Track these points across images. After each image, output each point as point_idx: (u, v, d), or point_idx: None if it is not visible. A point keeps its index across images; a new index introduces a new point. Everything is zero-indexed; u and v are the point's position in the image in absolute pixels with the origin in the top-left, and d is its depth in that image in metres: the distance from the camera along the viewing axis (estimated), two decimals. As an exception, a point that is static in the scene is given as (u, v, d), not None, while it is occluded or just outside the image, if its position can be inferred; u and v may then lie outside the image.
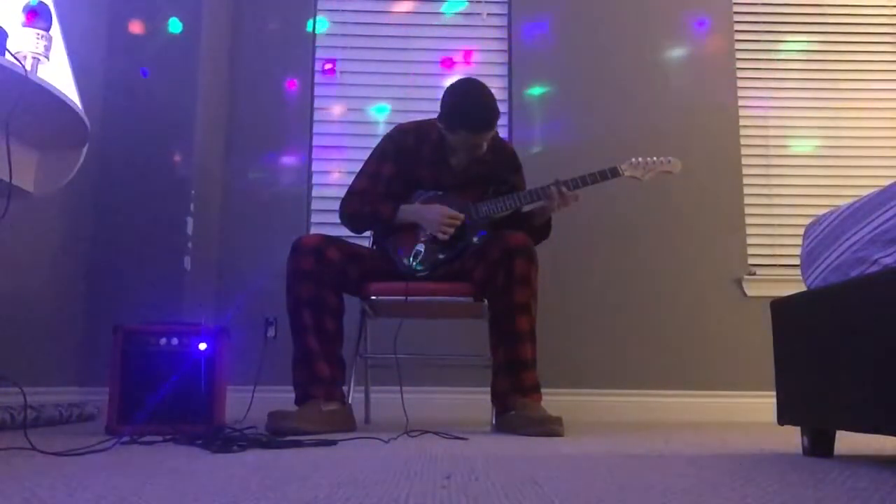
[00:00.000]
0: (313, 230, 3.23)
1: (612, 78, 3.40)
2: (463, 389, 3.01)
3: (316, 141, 3.37)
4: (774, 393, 1.62)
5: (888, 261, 1.31)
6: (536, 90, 3.39)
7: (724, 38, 3.46)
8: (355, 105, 3.40)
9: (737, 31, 3.49)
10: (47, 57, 2.12)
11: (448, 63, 3.41)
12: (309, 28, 3.39)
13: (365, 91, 3.40)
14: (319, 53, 3.43)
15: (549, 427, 2.04)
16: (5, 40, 1.90)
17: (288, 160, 3.31)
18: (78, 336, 2.77)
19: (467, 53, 3.43)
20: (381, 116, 3.37)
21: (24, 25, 2.08)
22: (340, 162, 3.36)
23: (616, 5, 3.47)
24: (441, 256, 2.42)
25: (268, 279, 3.05)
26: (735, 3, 3.51)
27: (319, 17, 3.44)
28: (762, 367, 2.56)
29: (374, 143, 2.61)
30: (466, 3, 3.46)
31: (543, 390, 2.24)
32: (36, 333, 2.53)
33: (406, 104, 3.36)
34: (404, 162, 2.51)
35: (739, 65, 3.47)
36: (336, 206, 2.54)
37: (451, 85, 2.43)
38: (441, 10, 3.46)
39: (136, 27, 3.02)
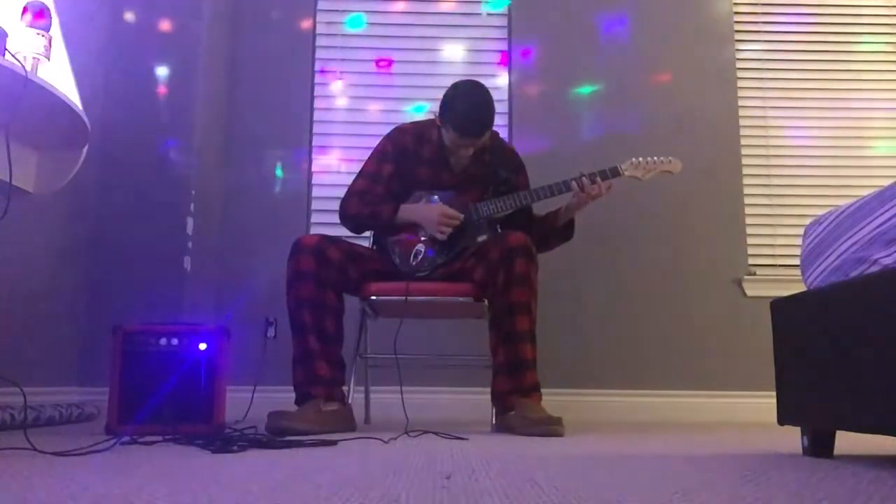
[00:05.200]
0: (313, 230, 3.23)
1: (612, 77, 3.41)
2: (463, 389, 3.01)
3: (316, 141, 3.37)
4: (774, 393, 1.62)
5: (888, 261, 1.31)
6: (536, 91, 3.39)
7: (724, 38, 3.46)
8: (356, 105, 3.41)
9: (737, 31, 3.50)
10: (47, 57, 2.12)
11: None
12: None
13: (364, 91, 3.41)
14: (319, 54, 3.43)
15: (549, 427, 2.04)
16: (5, 40, 1.90)
17: (288, 160, 3.31)
18: (78, 336, 2.77)
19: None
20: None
21: (24, 25, 2.08)
22: (340, 162, 3.36)
23: (616, 6, 3.47)
24: (441, 256, 2.42)
25: (268, 279, 3.05)
26: (735, 4, 3.52)
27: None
28: (762, 367, 2.56)
29: (375, 142, 2.61)
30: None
31: (544, 390, 2.24)
32: (36, 333, 2.53)
33: (406, 105, 3.38)
34: (404, 162, 2.51)
35: (739, 65, 3.47)
36: (336, 206, 2.54)
37: (455, 83, 2.43)
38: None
39: (136, 27, 3.02)
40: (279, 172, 3.29)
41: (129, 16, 3.02)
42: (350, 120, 3.40)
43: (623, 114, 3.37)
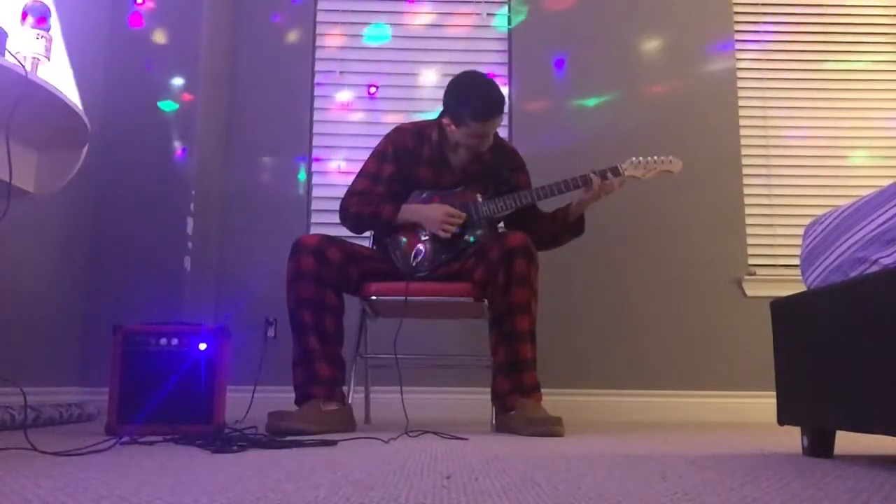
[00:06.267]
0: (313, 230, 3.23)
1: (611, 77, 3.40)
2: (463, 389, 3.01)
3: (316, 141, 3.37)
4: (774, 393, 1.62)
5: (888, 261, 1.31)
6: (537, 90, 3.39)
7: (724, 38, 3.46)
8: (356, 106, 3.41)
9: (737, 31, 3.49)
10: (47, 57, 2.12)
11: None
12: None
13: (365, 91, 3.41)
14: (319, 54, 3.43)
15: (549, 427, 2.04)
16: (5, 40, 1.91)
17: (288, 160, 3.31)
18: (78, 336, 2.77)
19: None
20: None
21: (24, 25, 2.09)
22: (340, 162, 3.36)
23: (615, 6, 3.47)
24: (442, 256, 2.42)
25: (268, 279, 3.05)
26: (735, 3, 3.51)
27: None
28: (762, 367, 2.57)
29: (375, 142, 2.61)
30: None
31: (543, 390, 2.24)
32: (36, 333, 2.53)
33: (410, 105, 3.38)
34: (404, 162, 2.51)
35: (740, 65, 3.47)
36: (336, 206, 2.54)
37: (453, 79, 2.43)
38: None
39: (137, 28, 3.02)
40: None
41: (129, 17, 3.02)
42: (350, 120, 3.40)
43: (625, 119, 3.36)
